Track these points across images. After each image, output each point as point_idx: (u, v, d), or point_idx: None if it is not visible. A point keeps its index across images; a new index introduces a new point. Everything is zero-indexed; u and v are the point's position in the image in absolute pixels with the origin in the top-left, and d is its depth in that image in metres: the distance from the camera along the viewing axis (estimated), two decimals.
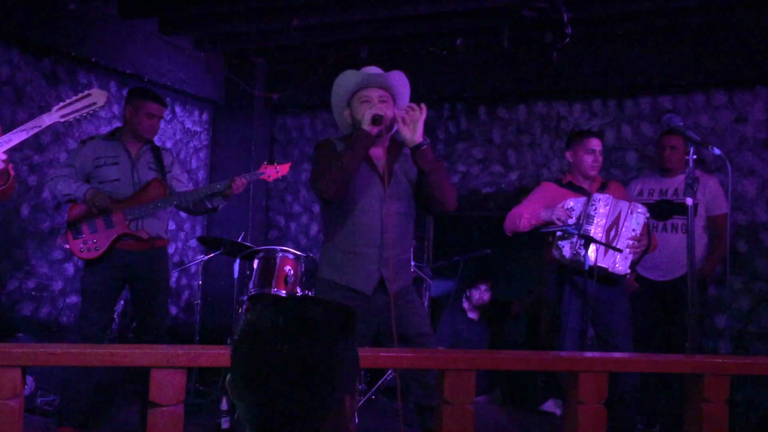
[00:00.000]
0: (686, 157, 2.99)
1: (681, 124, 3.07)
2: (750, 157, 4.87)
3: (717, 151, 2.98)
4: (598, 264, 3.76)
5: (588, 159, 3.96)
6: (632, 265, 3.91)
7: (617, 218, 3.81)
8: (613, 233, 3.79)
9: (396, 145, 3.05)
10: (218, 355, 2.21)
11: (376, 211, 2.85)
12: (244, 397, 1.10)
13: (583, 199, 3.88)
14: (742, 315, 4.83)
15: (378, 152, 2.93)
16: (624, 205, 3.81)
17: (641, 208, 3.83)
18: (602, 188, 4.01)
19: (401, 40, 5.43)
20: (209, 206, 3.77)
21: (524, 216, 3.91)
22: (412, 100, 3.00)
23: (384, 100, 2.90)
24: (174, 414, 2.11)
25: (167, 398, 2.10)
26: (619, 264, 3.81)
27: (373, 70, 2.98)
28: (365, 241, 2.84)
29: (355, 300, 2.79)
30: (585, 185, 4.02)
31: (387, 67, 3.11)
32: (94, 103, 2.94)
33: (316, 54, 5.68)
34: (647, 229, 3.87)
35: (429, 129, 5.77)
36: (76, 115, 2.91)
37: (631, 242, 3.78)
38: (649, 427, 4.40)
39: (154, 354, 2.10)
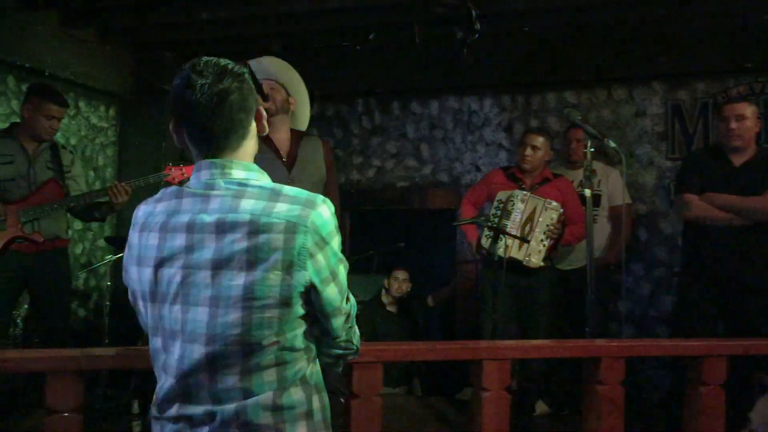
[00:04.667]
0: (583, 150, 3.12)
1: (579, 117, 3.19)
2: (649, 150, 5.11)
3: (612, 144, 3.11)
4: (512, 256, 3.92)
5: (519, 151, 4.24)
6: (546, 259, 4.06)
7: (532, 214, 3.96)
8: (528, 228, 3.95)
9: (297, 132, 3.08)
10: (120, 357, 2.16)
11: None
12: None
13: (509, 193, 4.06)
14: (643, 300, 5.06)
15: (281, 137, 2.96)
16: (539, 202, 3.97)
17: (554, 204, 3.99)
18: (542, 183, 4.17)
19: (313, 34, 5.40)
20: (96, 215, 3.66)
21: (461, 215, 4.29)
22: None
23: (272, 88, 2.99)
24: (73, 420, 2.05)
25: (65, 404, 2.04)
26: (534, 258, 3.97)
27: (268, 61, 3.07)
28: None
29: None
30: (523, 177, 4.19)
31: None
32: None
33: (227, 48, 5.58)
34: (561, 223, 4.04)
35: (343, 124, 5.80)
36: None
37: (544, 236, 3.95)
38: (559, 410, 4.56)
39: (48, 359, 2.03)
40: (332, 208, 1.53)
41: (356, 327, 1.69)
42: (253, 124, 1.58)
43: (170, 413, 1.51)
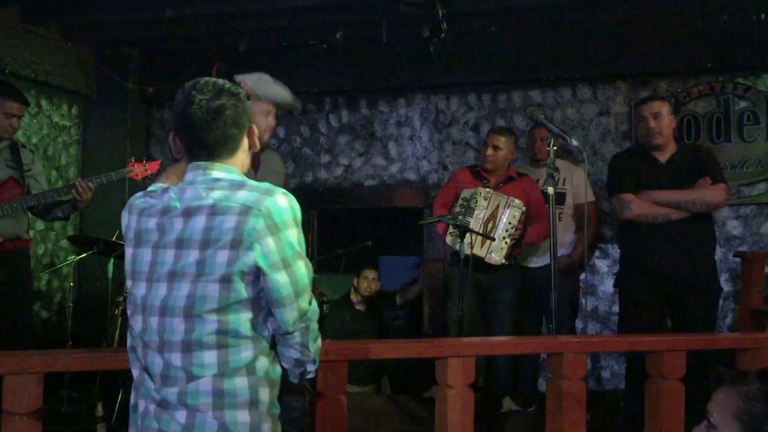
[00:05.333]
0: (547, 148, 3.16)
1: (542, 116, 3.22)
2: (613, 148, 5.17)
3: (574, 142, 3.15)
4: (474, 253, 3.94)
5: (482, 151, 4.28)
6: (509, 256, 4.10)
7: (495, 211, 3.99)
8: (490, 225, 3.98)
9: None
10: (77, 359, 2.13)
11: None
12: None
13: (473, 191, 4.08)
14: (608, 297, 5.13)
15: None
16: (502, 199, 4.01)
17: (517, 202, 4.03)
18: (507, 181, 4.20)
19: (280, 32, 5.38)
20: (59, 214, 3.61)
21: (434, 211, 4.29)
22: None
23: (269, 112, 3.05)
24: (30, 423, 2.02)
25: (23, 406, 2.00)
26: (494, 254, 4.00)
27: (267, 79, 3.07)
28: None
29: None
30: (488, 176, 4.21)
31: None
32: None
33: (192, 46, 5.53)
34: (523, 222, 4.08)
35: (311, 122, 5.78)
36: None
37: (506, 233, 3.98)
38: (526, 406, 4.60)
39: (5, 361, 1.99)
40: (293, 202, 1.64)
41: (317, 337, 1.70)
42: (245, 140, 1.74)
43: (136, 375, 1.66)
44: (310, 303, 1.65)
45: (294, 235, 1.62)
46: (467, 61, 5.26)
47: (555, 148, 3.12)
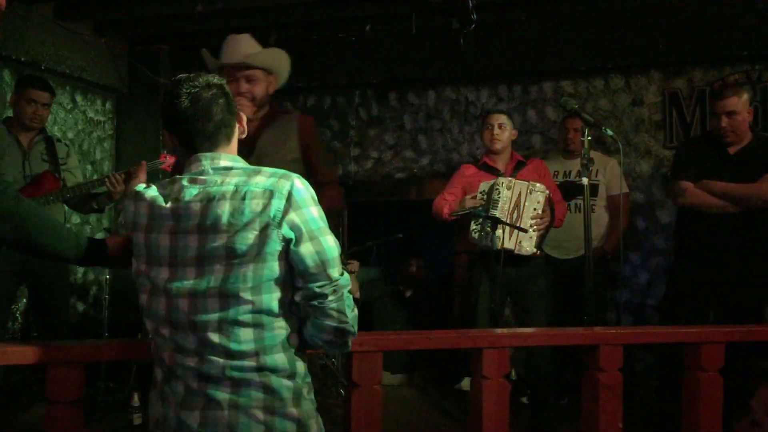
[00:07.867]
0: (581, 139, 3.12)
1: (576, 106, 3.18)
2: (646, 139, 5.10)
3: (609, 132, 3.11)
4: (505, 246, 3.87)
5: (486, 135, 4.10)
6: (538, 245, 4.03)
7: (518, 200, 3.90)
8: (515, 215, 3.89)
9: (272, 112, 2.95)
10: (119, 348, 2.16)
11: None
12: None
13: (492, 182, 3.98)
14: (641, 289, 5.07)
15: (249, 128, 2.86)
16: (522, 186, 3.90)
17: (539, 186, 3.93)
18: (518, 167, 4.09)
19: (310, 25, 5.39)
20: (95, 206, 3.67)
21: (445, 208, 4.03)
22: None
23: (252, 79, 2.83)
24: (72, 411, 2.06)
25: (65, 395, 2.04)
26: (525, 244, 3.91)
27: (244, 46, 2.90)
28: None
29: None
30: (499, 165, 4.11)
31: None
32: None
33: (223, 40, 5.56)
34: (549, 206, 3.98)
35: (340, 115, 5.79)
36: None
37: (532, 221, 3.88)
38: (558, 399, 4.57)
39: (47, 350, 2.03)
40: (307, 185, 1.73)
41: (354, 307, 1.75)
42: (237, 127, 1.84)
43: (165, 358, 1.70)
44: (341, 275, 1.71)
45: (316, 212, 1.70)
46: (497, 52, 5.21)
47: (590, 138, 3.08)
